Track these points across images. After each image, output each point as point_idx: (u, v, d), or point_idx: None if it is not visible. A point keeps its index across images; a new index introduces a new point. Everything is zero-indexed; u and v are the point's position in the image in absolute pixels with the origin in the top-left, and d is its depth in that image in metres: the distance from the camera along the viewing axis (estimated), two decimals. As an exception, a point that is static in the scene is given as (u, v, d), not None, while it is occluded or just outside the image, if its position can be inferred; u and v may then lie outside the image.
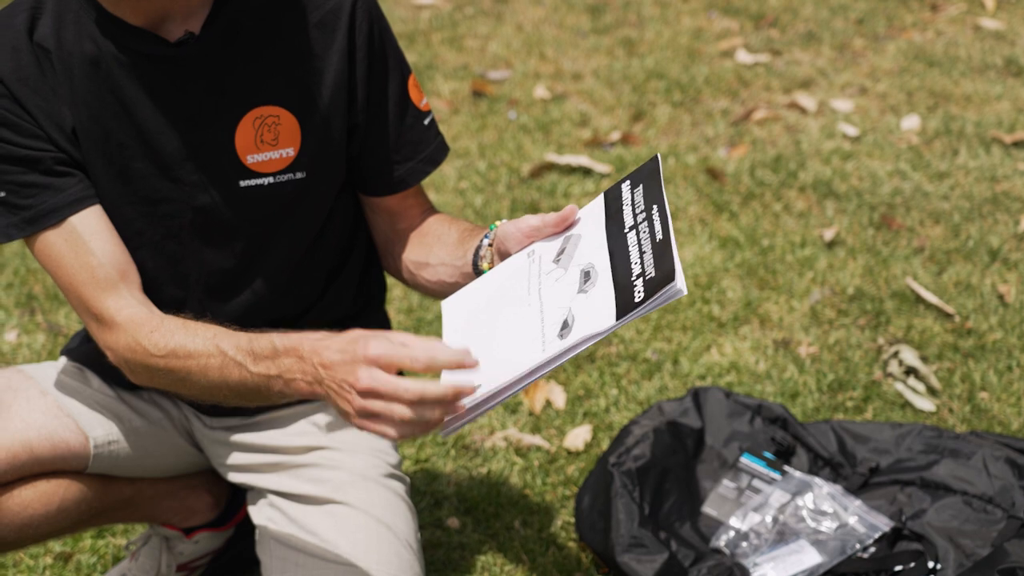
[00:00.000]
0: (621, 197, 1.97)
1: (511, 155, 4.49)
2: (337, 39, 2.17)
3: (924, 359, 3.36)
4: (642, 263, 1.83)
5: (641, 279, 1.81)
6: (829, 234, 3.94)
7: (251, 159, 2.15)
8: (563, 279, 1.92)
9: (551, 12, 5.75)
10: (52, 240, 2.10)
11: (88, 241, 2.10)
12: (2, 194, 2.09)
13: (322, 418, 2.38)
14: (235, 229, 2.19)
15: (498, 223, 2.12)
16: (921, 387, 3.26)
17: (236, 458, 2.39)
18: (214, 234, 2.19)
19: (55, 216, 2.09)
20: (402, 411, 1.74)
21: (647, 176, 1.95)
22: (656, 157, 1.96)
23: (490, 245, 2.12)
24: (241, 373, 1.94)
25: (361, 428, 1.78)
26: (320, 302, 2.32)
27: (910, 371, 3.32)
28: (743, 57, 5.22)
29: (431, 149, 2.31)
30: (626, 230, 1.90)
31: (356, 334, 1.81)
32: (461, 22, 5.64)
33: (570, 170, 4.36)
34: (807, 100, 4.83)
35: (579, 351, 1.82)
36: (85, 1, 2.09)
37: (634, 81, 5.03)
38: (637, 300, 1.79)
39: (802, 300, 3.65)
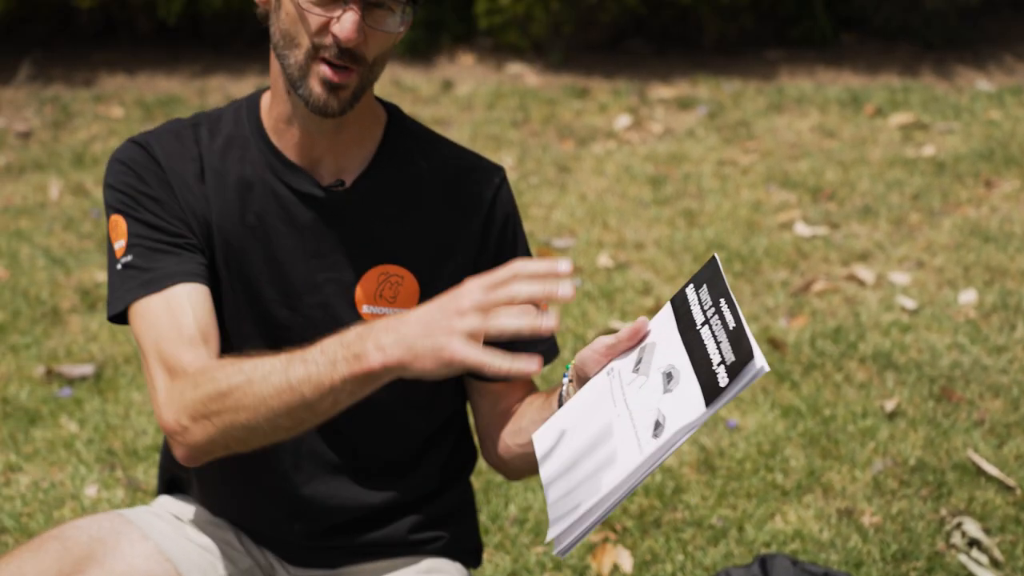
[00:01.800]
0: (688, 300, 2.03)
1: (576, 322, 4.60)
2: (474, 222, 2.30)
3: (987, 531, 3.41)
4: (720, 352, 1.87)
5: (723, 366, 1.84)
6: (890, 405, 4.01)
7: (367, 309, 2.26)
8: (646, 385, 1.96)
9: (613, 182, 5.91)
10: (155, 302, 2.15)
11: (186, 305, 2.15)
12: (129, 258, 2.19)
13: (407, 574, 2.45)
14: None
15: (572, 363, 2.20)
16: (984, 559, 3.31)
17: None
18: None
19: (167, 280, 2.17)
20: (517, 283, 1.74)
21: (709, 275, 2.02)
22: (714, 257, 2.04)
23: (570, 381, 2.19)
24: (307, 367, 1.89)
25: (468, 344, 1.74)
26: (413, 466, 2.40)
27: (973, 543, 3.36)
28: (801, 229, 5.34)
29: (545, 347, 2.40)
30: (698, 327, 1.96)
31: (404, 313, 1.84)
32: (526, 191, 5.80)
33: (634, 337, 4.46)
34: (865, 272, 4.93)
35: (676, 446, 1.85)
36: (256, 131, 2.26)
37: (695, 251, 5.16)
38: (723, 385, 1.83)
39: (864, 470, 3.71)
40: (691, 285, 2.01)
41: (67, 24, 7.87)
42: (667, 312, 2.03)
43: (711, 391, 1.83)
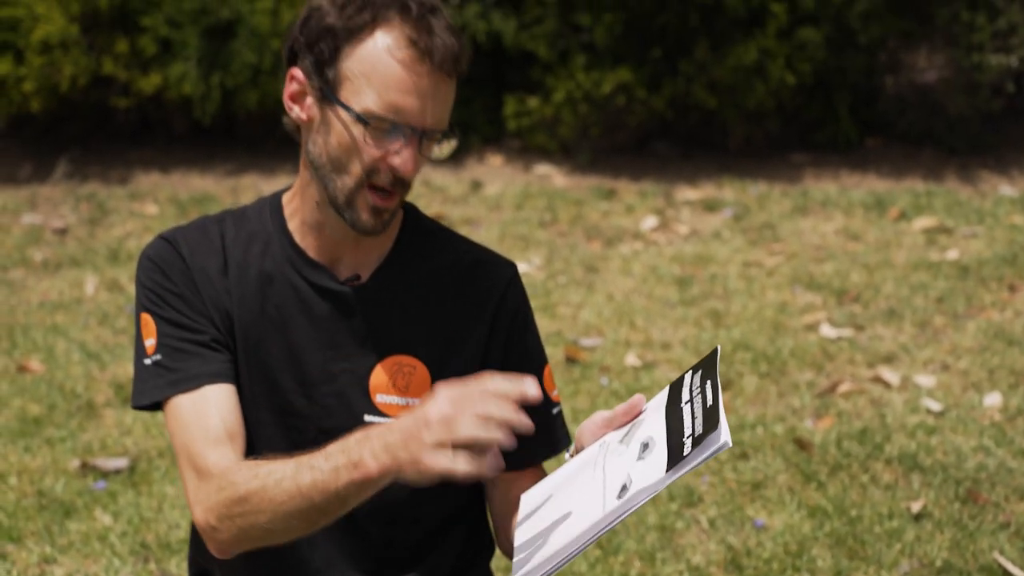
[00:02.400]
0: (683, 382, 2.13)
1: (604, 420, 4.64)
2: (484, 315, 2.38)
3: (1013, 633, 3.43)
4: (692, 426, 1.98)
5: (691, 438, 1.96)
6: (916, 507, 4.04)
7: (380, 398, 2.34)
8: (625, 453, 2.07)
9: (640, 283, 5.98)
10: (183, 402, 2.26)
11: (212, 406, 2.26)
12: (158, 357, 2.29)
13: None
14: None
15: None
16: (1011, 661, 3.32)
17: None
18: None
19: (195, 381, 2.27)
20: (482, 400, 1.89)
21: (706, 364, 2.12)
22: (716, 348, 2.12)
23: (571, 455, 2.25)
24: (312, 475, 2.03)
25: (437, 454, 1.89)
26: (428, 552, 2.45)
27: (1000, 645, 3.38)
28: (827, 331, 5.40)
29: (554, 437, 2.46)
30: (682, 404, 2.06)
31: (417, 408, 1.96)
32: (554, 290, 5.88)
33: (661, 437, 4.50)
34: (890, 375, 4.98)
35: (636, 507, 1.97)
36: (279, 228, 2.36)
37: (721, 352, 5.20)
38: (685, 454, 1.94)
39: (891, 571, 3.73)
40: (690, 371, 2.12)
41: (104, 123, 8.02)
42: (664, 392, 2.15)
43: (674, 459, 1.95)
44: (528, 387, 1.92)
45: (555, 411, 2.47)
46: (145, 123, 8.05)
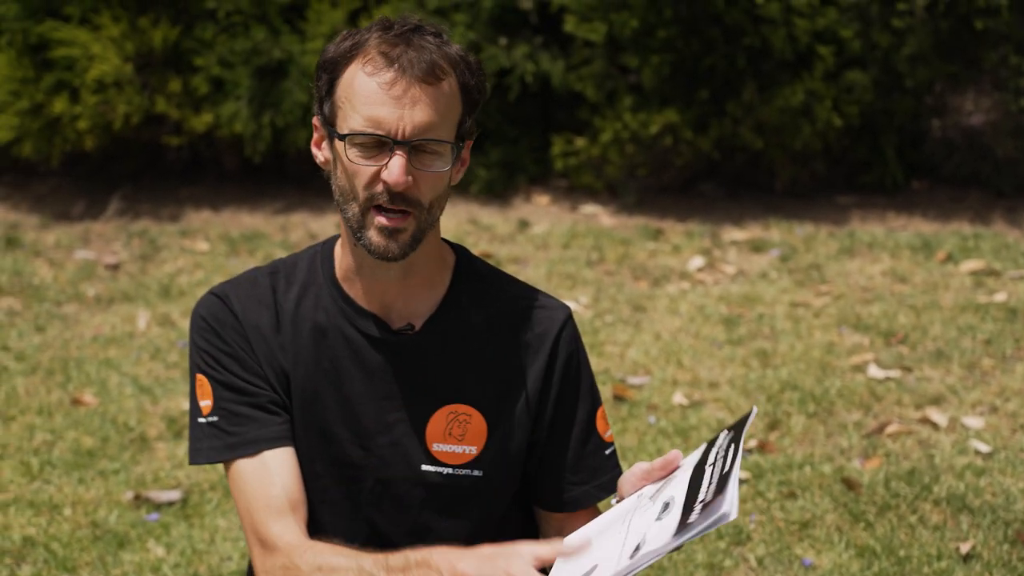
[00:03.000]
0: (715, 442, 2.16)
1: (651, 458, 4.65)
2: (538, 360, 2.41)
3: (1064, 675, 3.42)
4: (707, 491, 2.02)
5: (701, 503, 2.00)
6: (965, 548, 4.04)
7: (436, 447, 2.37)
8: (649, 510, 2.11)
9: (687, 322, 6.00)
10: (243, 467, 2.33)
11: (273, 474, 2.32)
12: (215, 418, 2.33)
13: None
14: (410, 506, 2.39)
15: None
16: None
17: None
18: (390, 505, 2.39)
19: (253, 447, 2.33)
20: None
21: (738, 425, 2.15)
22: (752, 411, 2.15)
23: (616, 502, 2.29)
24: None
25: None
26: None
27: None
28: (874, 372, 5.40)
29: (607, 478, 2.48)
30: (707, 465, 2.09)
31: (493, 550, 2.04)
32: (601, 329, 5.91)
33: (709, 475, 4.52)
34: (938, 416, 4.98)
35: (644, 566, 2.02)
36: (329, 278, 2.39)
37: (769, 391, 5.22)
38: (690, 522, 1.98)
39: (940, 611, 3.74)
40: (725, 430, 2.16)
41: (156, 161, 8.12)
42: (699, 450, 2.19)
43: (682, 526, 2.00)
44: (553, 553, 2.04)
45: (608, 451, 2.49)
46: (196, 161, 8.14)
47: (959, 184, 7.97)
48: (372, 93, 2.23)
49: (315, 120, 2.36)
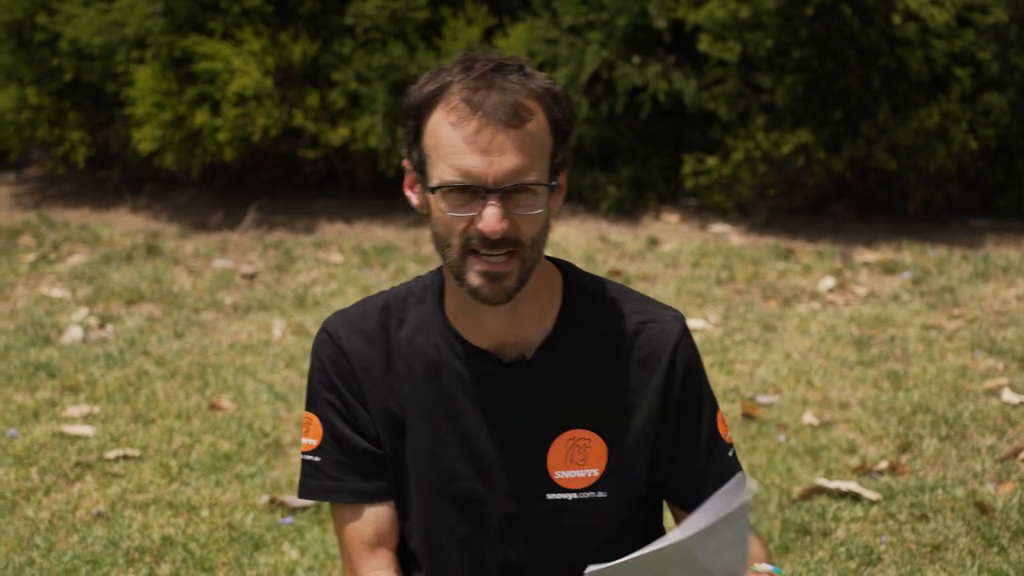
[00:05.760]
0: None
1: (781, 477, 4.66)
2: (655, 378, 2.40)
3: None
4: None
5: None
6: (1101, 575, 3.98)
7: (559, 475, 2.37)
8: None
9: (818, 342, 5.98)
10: (344, 511, 2.42)
11: (365, 522, 2.39)
12: (318, 459, 2.40)
13: None
14: (537, 534, 2.40)
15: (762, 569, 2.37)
16: None
17: None
18: (518, 536, 2.40)
19: (351, 497, 2.40)
20: None
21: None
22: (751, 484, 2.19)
23: None
24: None
25: None
26: None
27: None
28: (1009, 396, 5.33)
29: (729, 479, 2.49)
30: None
31: None
32: (731, 347, 5.91)
33: (840, 495, 4.51)
34: (1075, 442, 4.91)
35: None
36: (440, 316, 2.38)
37: (900, 413, 5.18)
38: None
39: (1075, 638, 3.69)
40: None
41: (291, 173, 8.27)
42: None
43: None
44: None
45: (729, 453, 2.49)
46: (331, 174, 8.28)
47: (1098, 209, 7.84)
48: (458, 144, 2.20)
49: (405, 163, 2.34)
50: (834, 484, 4.55)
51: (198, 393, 5.46)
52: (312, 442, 2.40)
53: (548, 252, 2.40)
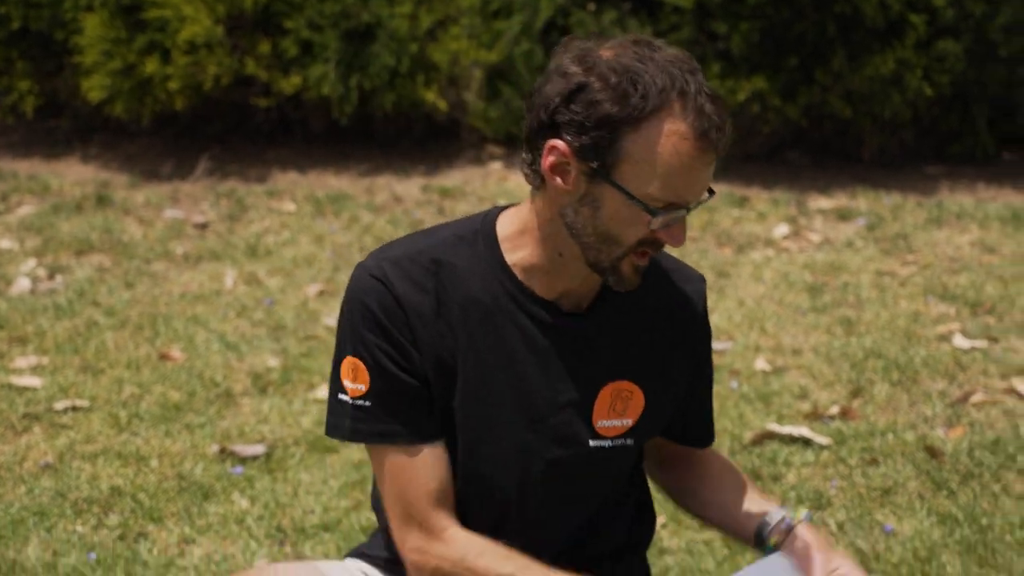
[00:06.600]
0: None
1: (732, 423, 4.66)
2: (689, 336, 2.47)
3: None
4: None
5: None
6: (1049, 517, 4.01)
7: (600, 424, 2.41)
8: None
9: (771, 289, 5.98)
10: (396, 456, 2.35)
11: (430, 467, 2.35)
12: (367, 403, 2.34)
13: None
14: (572, 481, 2.43)
15: (802, 516, 2.44)
16: None
17: None
18: (557, 481, 2.42)
19: (408, 438, 2.35)
20: None
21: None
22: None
23: (785, 529, 2.44)
24: None
25: None
26: (598, 539, 2.51)
27: None
28: (960, 342, 5.35)
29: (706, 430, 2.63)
30: None
31: None
32: (684, 295, 5.89)
33: (791, 440, 4.52)
34: (1025, 387, 4.94)
35: None
36: (498, 264, 2.37)
37: (852, 359, 5.19)
38: None
39: (1022, 580, 3.71)
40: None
41: (244, 122, 8.20)
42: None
43: None
44: None
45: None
46: (284, 123, 8.21)
47: (1052, 155, 7.87)
48: (684, 169, 2.19)
49: (559, 146, 2.24)
50: (785, 429, 4.55)
51: (148, 343, 5.42)
52: (361, 388, 2.35)
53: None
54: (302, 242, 6.69)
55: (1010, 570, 3.76)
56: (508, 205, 2.43)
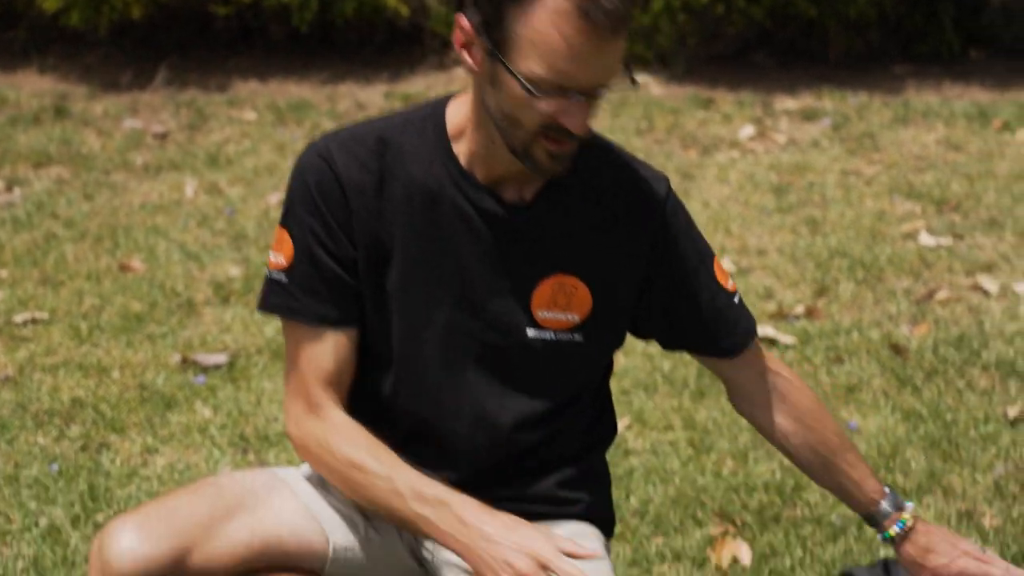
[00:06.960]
0: None
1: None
2: (644, 234, 2.39)
3: (1109, 536, 3.41)
4: None
5: None
6: (1012, 411, 4.01)
7: (541, 314, 2.38)
8: None
9: (736, 190, 5.95)
10: (303, 333, 2.37)
11: (326, 347, 2.35)
12: (285, 280, 2.35)
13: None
14: (511, 370, 2.40)
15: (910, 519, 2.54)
16: (1106, 563, 3.30)
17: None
18: (495, 369, 2.40)
19: (316, 320, 2.35)
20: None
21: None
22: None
23: (902, 529, 2.56)
24: (400, 504, 2.24)
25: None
26: (554, 441, 2.48)
27: (1095, 547, 3.36)
28: (925, 239, 5.34)
29: (740, 327, 2.50)
30: None
31: (518, 520, 2.18)
32: (649, 197, 5.87)
33: (756, 340, 4.50)
34: (990, 283, 4.93)
35: None
36: (444, 150, 2.35)
37: (818, 258, 5.18)
38: None
39: (986, 474, 3.72)
40: None
41: (203, 31, 8.08)
42: None
43: None
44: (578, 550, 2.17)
45: (736, 300, 2.49)
46: (243, 31, 8.09)
47: (1017, 53, 7.82)
48: (568, 49, 2.12)
49: (462, 22, 2.22)
50: (750, 329, 4.53)
51: (108, 255, 5.36)
52: (282, 261, 2.36)
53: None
54: (263, 151, 6.61)
55: (974, 464, 3.77)
56: (460, 92, 2.39)
